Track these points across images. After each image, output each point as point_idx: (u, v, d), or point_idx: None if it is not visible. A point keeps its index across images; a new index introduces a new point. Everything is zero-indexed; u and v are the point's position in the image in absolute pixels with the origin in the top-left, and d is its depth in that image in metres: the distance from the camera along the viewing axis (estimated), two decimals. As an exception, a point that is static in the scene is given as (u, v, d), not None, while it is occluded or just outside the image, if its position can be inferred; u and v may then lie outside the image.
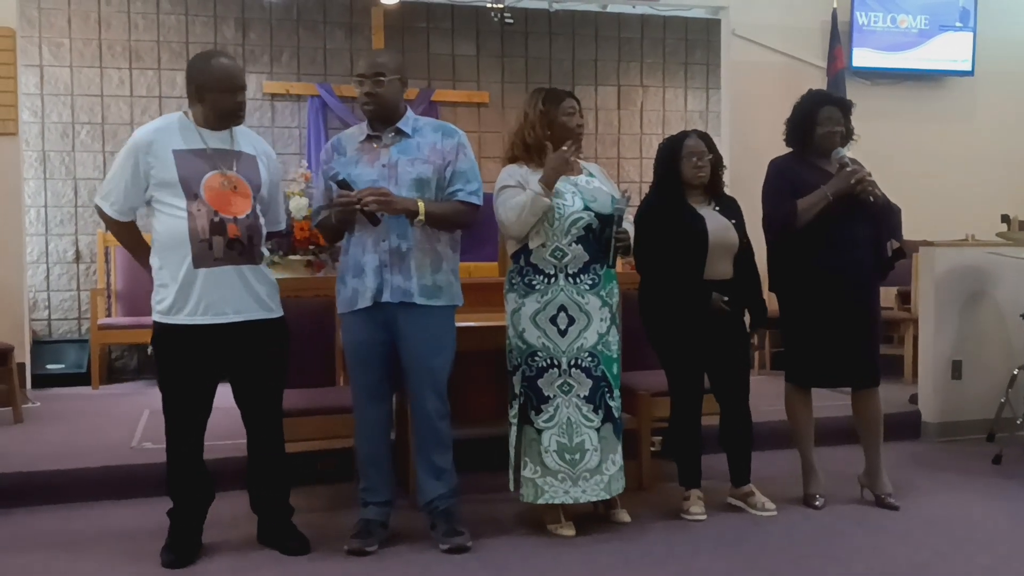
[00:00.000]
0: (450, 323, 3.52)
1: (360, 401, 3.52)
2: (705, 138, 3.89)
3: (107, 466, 4.23)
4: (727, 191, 4.03)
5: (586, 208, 3.57)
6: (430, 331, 3.44)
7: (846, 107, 4.01)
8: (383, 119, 3.46)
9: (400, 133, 3.47)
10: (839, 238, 3.83)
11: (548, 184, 3.48)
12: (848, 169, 3.82)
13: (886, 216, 3.94)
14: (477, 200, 3.51)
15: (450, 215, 3.45)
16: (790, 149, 4.07)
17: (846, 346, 3.89)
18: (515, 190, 3.56)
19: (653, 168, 3.97)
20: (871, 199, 3.78)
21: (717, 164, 3.89)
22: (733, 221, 3.87)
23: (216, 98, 3.29)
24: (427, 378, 3.46)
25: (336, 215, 3.40)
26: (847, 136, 4.00)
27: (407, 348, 3.44)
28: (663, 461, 4.38)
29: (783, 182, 3.93)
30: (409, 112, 3.53)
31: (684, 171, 3.82)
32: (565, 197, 3.56)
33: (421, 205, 3.35)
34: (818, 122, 3.92)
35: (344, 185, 3.34)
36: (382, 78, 3.41)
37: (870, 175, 3.83)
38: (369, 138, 3.48)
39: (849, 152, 3.94)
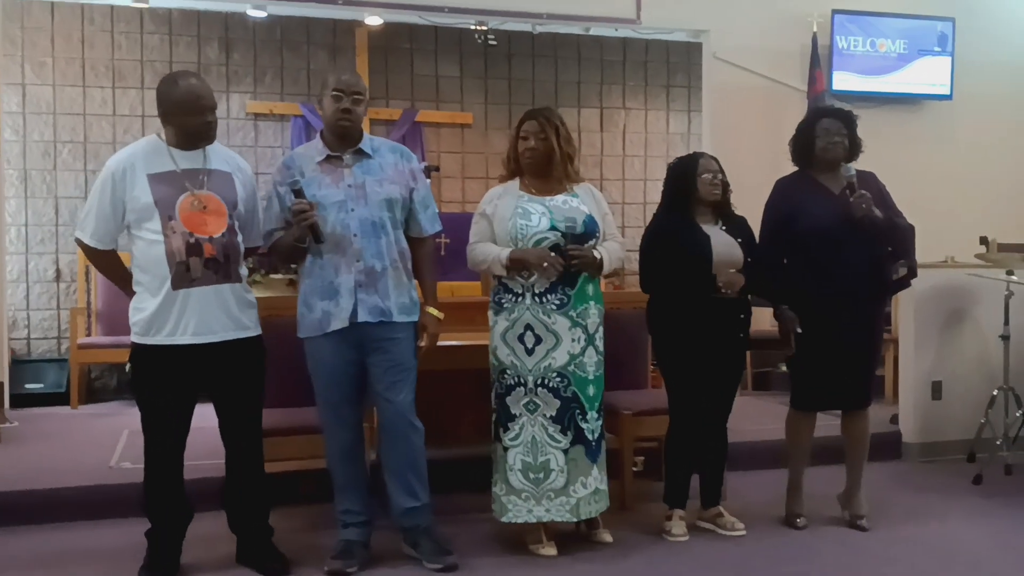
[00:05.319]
0: (415, 338, 3.53)
1: (333, 424, 3.50)
2: (715, 159, 3.93)
3: (86, 486, 4.20)
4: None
5: (552, 228, 3.57)
6: (405, 345, 3.47)
7: (847, 119, 3.99)
8: (351, 139, 3.47)
9: (361, 153, 3.48)
10: (831, 264, 3.82)
11: (510, 266, 3.53)
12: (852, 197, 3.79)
13: (888, 236, 3.89)
14: (436, 227, 3.63)
15: (433, 274, 3.64)
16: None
17: (840, 370, 3.89)
18: (483, 224, 3.63)
19: (663, 187, 3.98)
20: (866, 220, 3.76)
21: (725, 186, 3.92)
22: (739, 240, 3.87)
23: (183, 120, 3.28)
24: (402, 392, 3.46)
25: (293, 229, 3.34)
26: (853, 148, 3.97)
27: (381, 365, 3.44)
28: (646, 481, 4.38)
29: (775, 215, 3.97)
30: (365, 133, 3.56)
31: (700, 188, 3.84)
32: (531, 218, 3.57)
33: (433, 312, 3.55)
34: (816, 135, 3.93)
35: (300, 193, 3.32)
36: (359, 97, 3.44)
37: (865, 194, 3.80)
38: (329, 158, 3.46)
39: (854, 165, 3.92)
